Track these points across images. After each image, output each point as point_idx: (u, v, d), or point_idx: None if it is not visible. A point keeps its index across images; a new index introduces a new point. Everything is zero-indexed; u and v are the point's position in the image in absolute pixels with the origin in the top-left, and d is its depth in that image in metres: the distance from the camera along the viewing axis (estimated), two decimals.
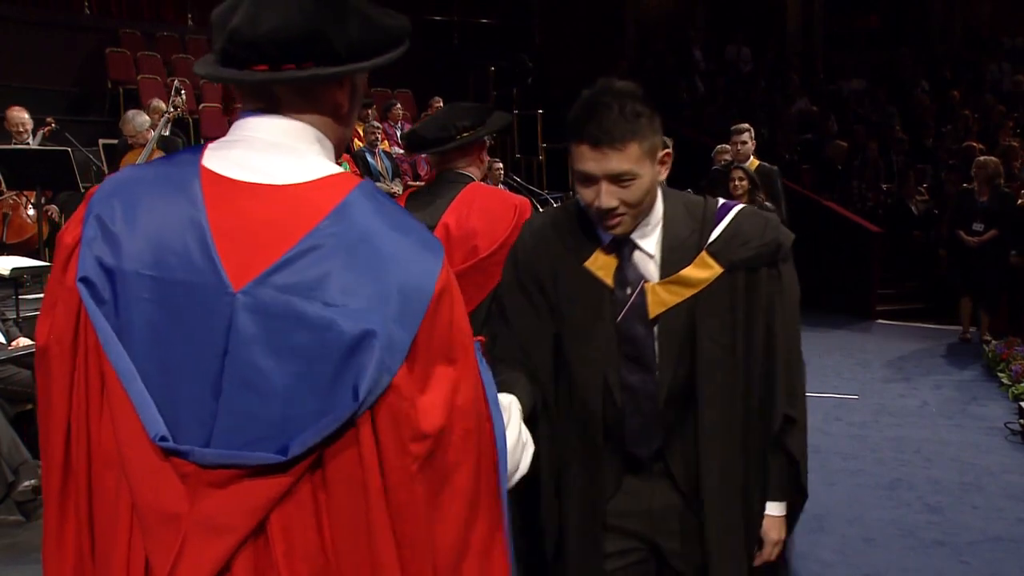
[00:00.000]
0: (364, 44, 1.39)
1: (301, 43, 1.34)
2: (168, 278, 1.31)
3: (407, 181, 11.01)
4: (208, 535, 1.28)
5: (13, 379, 5.15)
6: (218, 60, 1.40)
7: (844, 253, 12.01)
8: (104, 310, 1.32)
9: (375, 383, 1.25)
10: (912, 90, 15.99)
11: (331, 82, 1.41)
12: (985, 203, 9.49)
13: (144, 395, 1.30)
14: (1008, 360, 8.34)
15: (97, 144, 9.38)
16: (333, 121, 1.45)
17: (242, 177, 1.36)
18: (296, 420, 1.27)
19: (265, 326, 1.28)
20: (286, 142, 1.39)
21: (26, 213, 7.97)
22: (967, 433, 6.88)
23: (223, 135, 1.46)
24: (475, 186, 3.23)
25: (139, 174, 1.42)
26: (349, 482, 1.29)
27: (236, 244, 1.31)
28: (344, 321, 1.26)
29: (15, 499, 4.80)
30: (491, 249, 3.06)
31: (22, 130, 8.36)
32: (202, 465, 1.28)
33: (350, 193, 1.35)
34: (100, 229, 1.35)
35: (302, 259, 1.29)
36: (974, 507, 5.36)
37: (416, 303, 1.30)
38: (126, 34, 13.59)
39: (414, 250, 1.34)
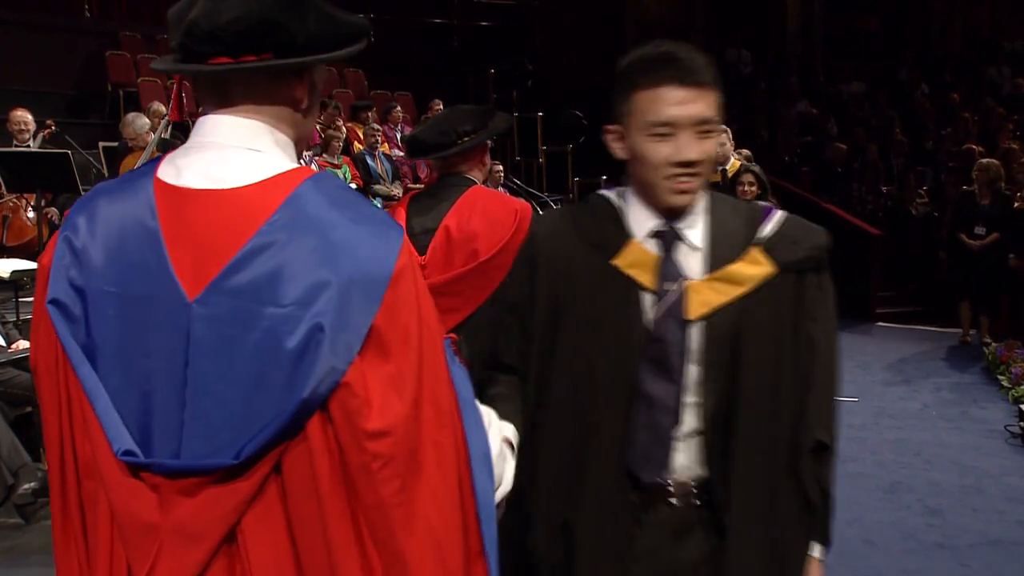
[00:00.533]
0: (323, 37, 1.40)
1: (261, 33, 1.34)
2: (129, 294, 1.33)
3: (407, 184, 11.01)
4: (183, 543, 1.29)
5: (13, 382, 5.15)
6: (177, 56, 1.40)
7: (844, 255, 11.80)
8: (75, 329, 1.34)
9: (319, 382, 1.24)
10: (912, 93, 15.99)
11: (290, 75, 1.41)
12: (987, 206, 9.48)
13: (110, 411, 1.31)
14: (1008, 363, 8.33)
15: (97, 147, 9.38)
16: (292, 116, 1.44)
17: (193, 184, 1.35)
18: (253, 424, 1.27)
19: (220, 333, 1.29)
20: (241, 143, 1.38)
21: (26, 216, 7.97)
22: (967, 436, 6.87)
23: None
24: (477, 189, 3.23)
25: (102, 190, 1.43)
26: (302, 485, 1.29)
27: (189, 253, 1.32)
28: (294, 320, 1.26)
29: (15, 502, 4.80)
30: (491, 253, 3.07)
31: (24, 128, 8.37)
32: (168, 475, 1.29)
33: (299, 186, 1.34)
34: (69, 249, 1.37)
35: (251, 260, 1.29)
36: (974, 510, 5.36)
37: (370, 294, 1.28)
38: (126, 37, 13.58)
39: (368, 240, 1.32)
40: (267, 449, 1.27)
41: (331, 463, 1.27)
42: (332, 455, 1.28)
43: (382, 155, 11.07)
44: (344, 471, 1.28)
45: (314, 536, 1.30)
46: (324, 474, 1.27)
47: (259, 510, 1.30)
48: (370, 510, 1.29)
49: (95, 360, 1.34)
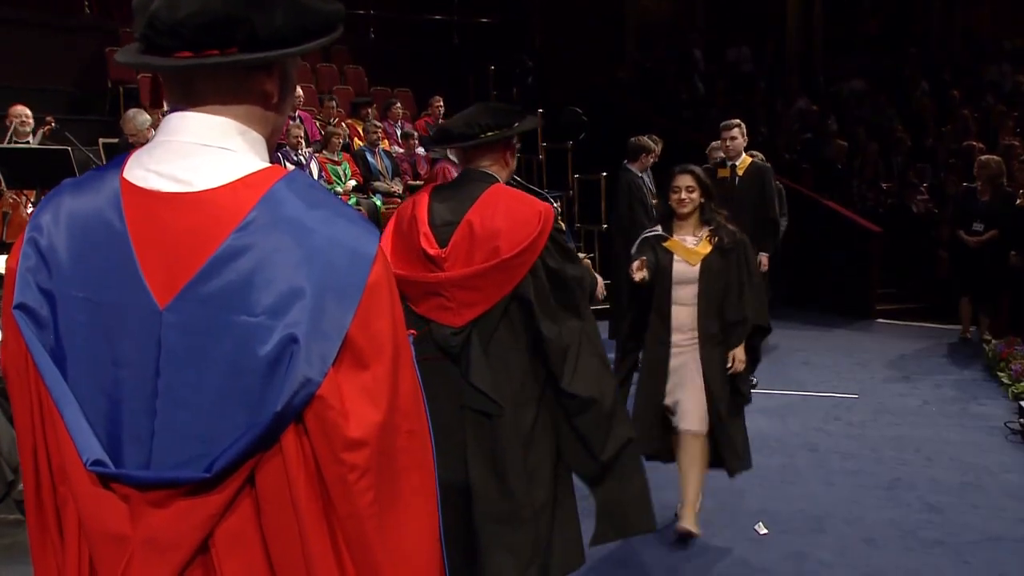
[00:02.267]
0: (291, 29, 1.33)
1: (222, 27, 1.28)
2: (98, 299, 1.29)
3: (407, 180, 11.01)
4: (153, 554, 1.27)
5: None
6: (140, 47, 1.34)
7: (844, 253, 12.00)
8: (44, 335, 1.31)
9: (293, 394, 1.21)
10: (912, 90, 15.98)
11: (257, 69, 1.35)
12: (987, 203, 9.47)
13: (79, 420, 1.28)
14: (1008, 359, 8.33)
15: (97, 143, 9.37)
16: (263, 111, 1.39)
17: (160, 187, 1.30)
18: (225, 436, 1.24)
19: (191, 343, 1.25)
20: (208, 142, 1.33)
21: (26, 212, 7.95)
22: (967, 433, 6.88)
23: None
24: (499, 187, 3.29)
25: (67, 187, 1.39)
26: (277, 497, 1.26)
27: (159, 259, 1.28)
28: (267, 328, 1.22)
29: (15, 498, 4.81)
30: (515, 251, 3.12)
31: (25, 120, 8.38)
32: (138, 487, 1.26)
33: (271, 188, 1.29)
34: (35, 251, 1.33)
35: (223, 266, 1.25)
36: (974, 507, 5.36)
37: (345, 301, 1.25)
38: (126, 34, 13.52)
39: (343, 244, 1.28)
40: (240, 462, 1.24)
41: (307, 474, 1.25)
42: (308, 466, 1.25)
43: (382, 151, 11.06)
44: (319, 482, 1.26)
45: (291, 547, 1.27)
46: (300, 485, 1.25)
47: (232, 522, 1.27)
48: (345, 520, 1.27)
49: (64, 366, 1.30)
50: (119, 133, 9.06)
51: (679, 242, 4.66)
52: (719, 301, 4.62)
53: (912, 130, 14.67)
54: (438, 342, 3.19)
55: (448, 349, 3.20)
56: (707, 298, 4.60)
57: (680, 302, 4.65)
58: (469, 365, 3.18)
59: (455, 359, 3.21)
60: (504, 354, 3.20)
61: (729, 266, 4.60)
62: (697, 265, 4.60)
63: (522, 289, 3.15)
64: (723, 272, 4.60)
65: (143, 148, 1.38)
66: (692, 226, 4.67)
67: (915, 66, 16.76)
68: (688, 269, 4.61)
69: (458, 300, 3.16)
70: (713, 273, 4.58)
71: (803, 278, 11.63)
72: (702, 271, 4.59)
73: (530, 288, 3.15)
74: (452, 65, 15.42)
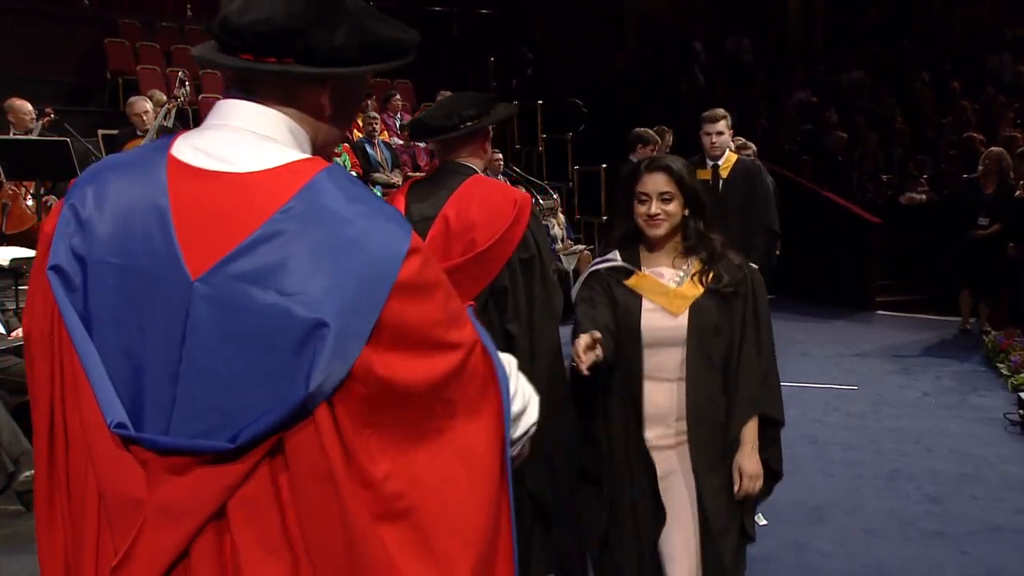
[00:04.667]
0: (350, 49, 1.39)
1: (281, 38, 1.35)
2: (131, 266, 1.33)
3: (406, 172, 11.00)
4: (166, 521, 1.29)
5: (13, 369, 5.15)
6: (215, 45, 1.42)
7: (844, 244, 12.00)
8: (74, 298, 1.34)
9: (327, 372, 1.24)
10: (912, 81, 15.96)
11: (311, 81, 1.41)
12: (991, 195, 9.46)
13: (105, 382, 1.31)
14: (1008, 351, 8.34)
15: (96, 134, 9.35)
16: (314, 121, 1.45)
17: (206, 165, 1.36)
18: (249, 409, 1.27)
19: (220, 315, 1.28)
20: (258, 129, 1.39)
21: (25, 204, 7.96)
22: (966, 424, 6.88)
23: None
24: (477, 178, 3.21)
25: (113, 161, 1.44)
26: (311, 470, 1.29)
27: (197, 232, 1.31)
28: (298, 310, 1.25)
29: (15, 489, 4.81)
30: (489, 243, 3.05)
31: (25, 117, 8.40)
32: (159, 452, 1.29)
33: (313, 178, 1.34)
34: (74, 217, 1.37)
35: (260, 246, 1.28)
36: (973, 498, 5.37)
37: (377, 289, 1.28)
38: (125, 24, 13.55)
39: (378, 233, 1.32)
40: (266, 436, 1.27)
41: (342, 447, 1.28)
42: (342, 439, 1.28)
43: (381, 143, 11.05)
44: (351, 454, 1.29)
45: (325, 518, 1.30)
46: (337, 458, 1.28)
47: (249, 492, 1.29)
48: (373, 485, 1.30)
49: (91, 330, 1.33)
50: (119, 124, 9.05)
51: (652, 278, 3.00)
52: (721, 371, 2.97)
53: (912, 121, 14.65)
54: None
55: None
56: (700, 367, 2.93)
57: (656, 375, 2.96)
58: None
59: None
60: None
61: (733, 318, 2.97)
62: (683, 315, 2.93)
63: (499, 284, 3.09)
64: (724, 326, 2.96)
65: (193, 130, 1.44)
66: (669, 253, 3.02)
67: (915, 57, 16.73)
68: (668, 322, 2.93)
69: None
70: (710, 328, 2.94)
71: (803, 270, 11.63)
72: (692, 325, 2.92)
73: (507, 283, 3.09)
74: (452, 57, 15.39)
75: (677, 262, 3.01)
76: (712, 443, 2.94)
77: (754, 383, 2.94)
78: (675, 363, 2.94)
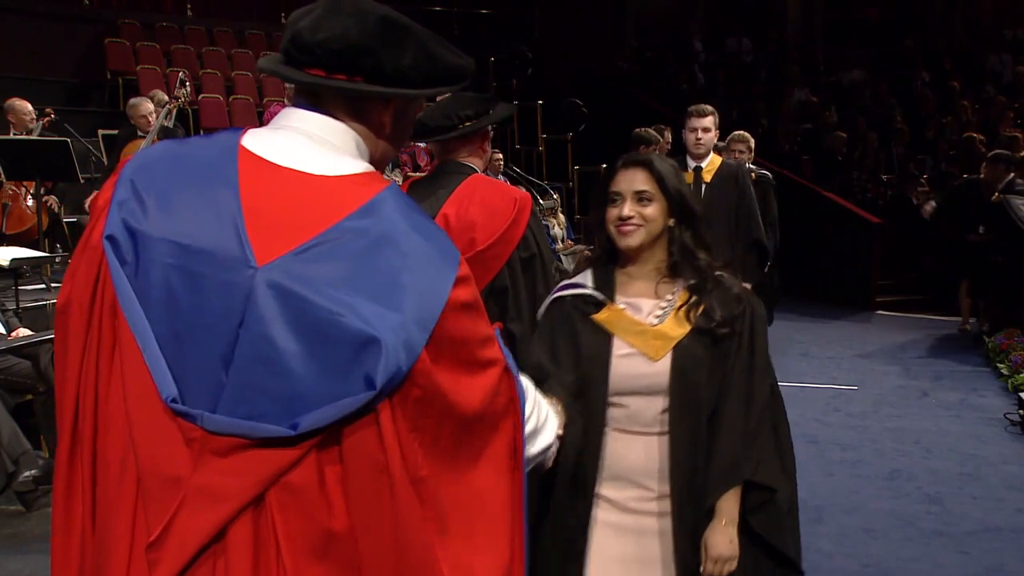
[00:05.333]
0: (416, 71, 1.46)
1: (352, 56, 1.42)
2: (193, 246, 1.34)
3: (407, 171, 10.99)
4: (205, 501, 1.30)
5: (13, 369, 5.15)
6: (281, 58, 1.49)
7: (844, 244, 12.01)
8: (125, 271, 1.34)
9: (389, 377, 1.27)
10: (913, 81, 15.97)
11: (376, 99, 1.47)
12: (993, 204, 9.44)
13: (158, 357, 1.32)
14: (1008, 351, 8.34)
15: (96, 135, 9.37)
16: (375, 137, 1.51)
17: (279, 161, 1.40)
18: (305, 398, 1.28)
19: (283, 304, 1.30)
20: (326, 138, 1.45)
21: (26, 204, 7.96)
22: (966, 424, 6.88)
23: (222, 127, 1.47)
24: (476, 178, 3.20)
25: (177, 146, 1.47)
26: (370, 466, 1.31)
27: (265, 223, 1.35)
28: (364, 311, 1.28)
29: (15, 489, 4.81)
30: (488, 242, 3.03)
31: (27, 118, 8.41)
32: (210, 431, 1.29)
33: (381, 192, 1.40)
34: (132, 193, 1.38)
35: (327, 246, 1.32)
36: (973, 497, 5.37)
37: (433, 304, 1.33)
38: (125, 24, 13.55)
39: (435, 254, 1.38)
40: (328, 426, 1.29)
41: (399, 446, 1.31)
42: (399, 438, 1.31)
43: None
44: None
45: (377, 514, 1.32)
46: (395, 454, 1.30)
47: (294, 481, 1.31)
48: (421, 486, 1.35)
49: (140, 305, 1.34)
50: (119, 124, 9.04)
51: (625, 315, 2.40)
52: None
53: (912, 121, 14.66)
54: None
55: None
56: (689, 422, 2.34)
57: (629, 426, 2.38)
58: None
59: None
60: None
61: (726, 361, 2.38)
62: (664, 360, 2.35)
63: (499, 284, 3.07)
64: (717, 373, 2.37)
65: (262, 128, 1.49)
66: (650, 276, 2.43)
67: (916, 56, 16.73)
68: (644, 368, 2.35)
69: None
70: (699, 376, 2.35)
71: (803, 269, 11.63)
72: (676, 372, 2.34)
73: (507, 282, 3.07)
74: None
75: (661, 288, 2.42)
76: (694, 511, 2.34)
77: (735, 444, 2.33)
78: (653, 414, 2.35)
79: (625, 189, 2.38)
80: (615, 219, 2.38)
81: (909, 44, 17.05)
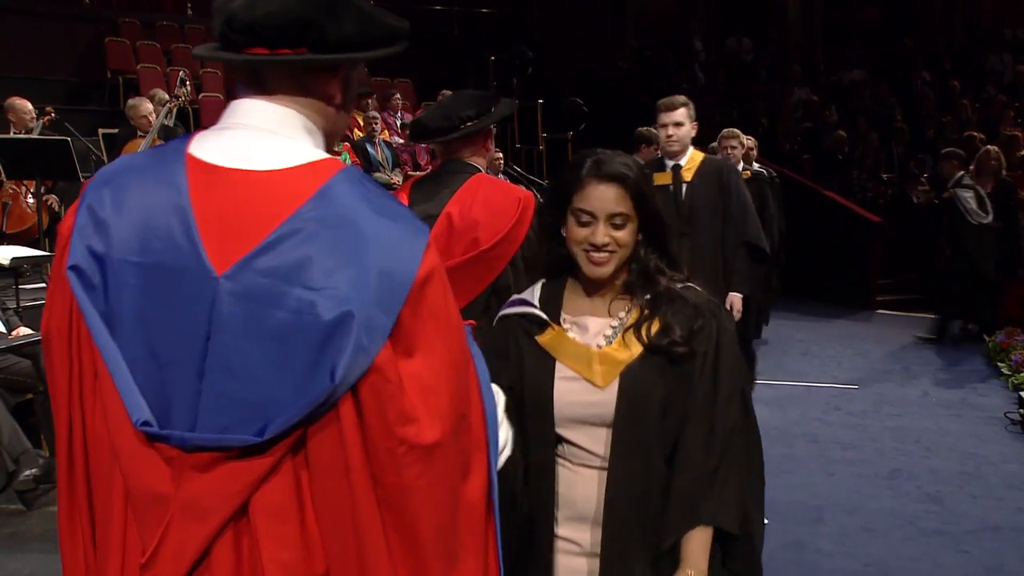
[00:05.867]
0: (359, 36, 1.43)
1: (296, 28, 1.37)
2: (153, 264, 1.34)
3: (407, 171, 10.99)
4: (192, 516, 1.30)
5: (13, 369, 5.15)
6: (217, 44, 1.44)
7: (844, 243, 12.00)
8: (93, 296, 1.35)
9: (352, 365, 1.26)
10: (913, 81, 15.96)
11: (324, 70, 1.44)
12: (989, 194, 9.46)
13: (128, 381, 1.32)
14: (1008, 350, 8.34)
15: (97, 133, 9.35)
16: (324, 109, 1.47)
17: (226, 163, 1.38)
18: (275, 403, 1.28)
19: (246, 310, 1.30)
20: (274, 128, 1.41)
21: (26, 203, 7.96)
22: (967, 423, 6.89)
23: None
24: (479, 177, 3.20)
25: (129, 162, 1.45)
26: (331, 464, 1.31)
27: (219, 229, 1.33)
28: (323, 303, 1.27)
29: (15, 488, 4.81)
30: (492, 242, 3.04)
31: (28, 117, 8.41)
32: (184, 449, 1.30)
33: (333, 177, 1.37)
34: (91, 217, 1.37)
35: (284, 243, 1.31)
36: (974, 496, 5.37)
37: (398, 286, 1.31)
38: (125, 23, 13.55)
39: (397, 234, 1.35)
40: (292, 428, 1.29)
41: (362, 444, 1.30)
42: (361, 435, 1.30)
43: (382, 142, 11.05)
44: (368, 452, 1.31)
45: (340, 515, 1.32)
46: (356, 454, 1.30)
47: (272, 488, 1.31)
48: (391, 490, 1.31)
49: (113, 328, 1.34)
50: (119, 123, 9.04)
51: (568, 338, 2.14)
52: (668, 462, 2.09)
53: (912, 120, 14.65)
54: None
55: None
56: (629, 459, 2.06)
57: (579, 460, 2.13)
58: None
59: None
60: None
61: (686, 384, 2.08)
62: (610, 387, 2.08)
63: (501, 283, 3.06)
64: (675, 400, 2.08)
65: (209, 129, 1.46)
66: (607, 294, 2.16)
67: (916, 56, 16.73)
68: (589, 396, 2.09)
69: None
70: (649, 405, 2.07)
71: (804, 269, 11.62)
72: (623, 401, 2.06)
73: (510, 281, 3.06)
74: (452, 55, 15.39)
75: (614, 306, 2.14)
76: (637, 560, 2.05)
77: (694, 481, 2.04)
78: (601, 446, 2.09)
79: (598, 209, 2.06)
80: (583, 242, 2.08)
81: (909, 43, 17.04)
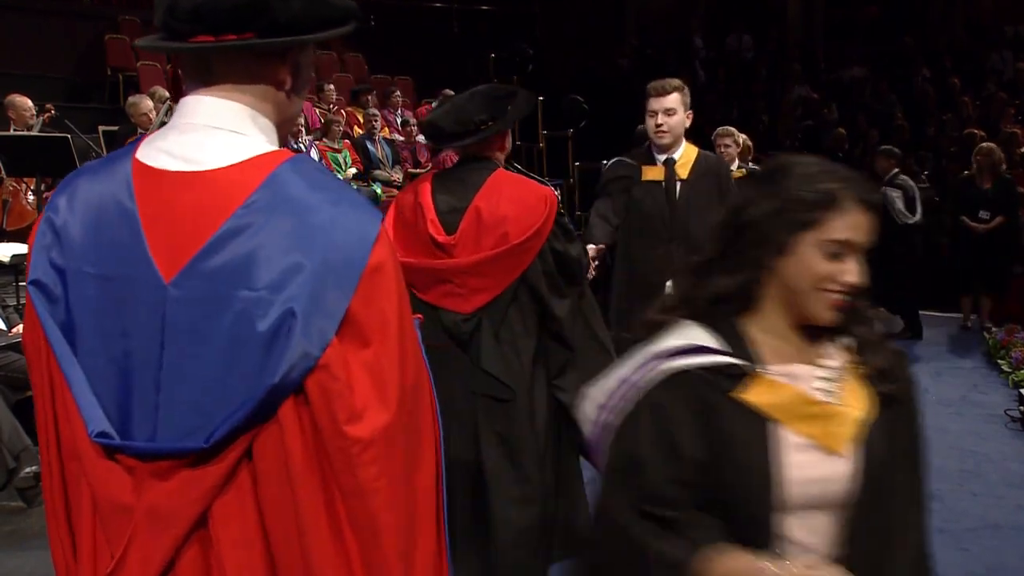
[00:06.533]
0: (308, 19, 1.37)
1: (242, 13, 1.32)
2: (107, 274, 1.33)
3: (407, 168, 10.99)
4: (155, 526, 1.30)
5: (13, 366, 5.15)
6: (162, 34, 1.39)
7: None
8: (55, 310, 1.34)
9: (291, 367, 1.23)
10: (913, 78, 15.95)
11: (273, 56, 1.39)
12: (989, 191, 9.47)
13: (86, 392, 1.31)
14: (1009, 347, 8.33)
15: (97, 131, 9.35)
16: (275, 96, 1.42)
17: (170, 166, 1.35)
18: (225, 409, 1.27)
19: (193, 316, 1.29)
20: (221, 124, 1.37)
21: (26, 200, 7.97)
22: (967, 420, 6.88)
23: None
24: (501, 173, 3.28)
25: (85, 170, 1.44)
26: (273, 469, 1.29)
27: (167, 235, 1.31)
28: (265, 304, 1.25)
29: (16, 486, 4.81)
30: (524, 236, 3.14)
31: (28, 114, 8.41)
32: (142, 458, 1.29)
33: (276, 169, 1.33)
34: (49, 229, 1.37)
35: (227, 242, 1.28)
36: (974, 494, 5.37)
37: (345, 278, 1.27)
38: (125, 21, 13.54)
39: (346, 221, 1.31)
40: (237, 433, 1.27)
41: (304, 446, 1.27)
42: (305, 438, 1.27)
43: (382, 140, 11.05)
44: (318, 455, 1.27)
45: (286, 520, 1.29)
46: (297, 457, 1.27)
47: (229, 496, 1.30)
48: (348, 494, 1.28)
49: (75, 341, 1.34)
50: (119, 120, 9.04)
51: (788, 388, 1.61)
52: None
53: (913, 118, 14.64)
54: (448, 329, 3.19)
55: (458, 335, 3.20)
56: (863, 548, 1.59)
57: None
58: (480, 351, 3.19)
59: (464, 345, 3.21)
60: (514, 339, 3.21)
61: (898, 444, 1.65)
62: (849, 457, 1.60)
63: (530, 273, 3.18)
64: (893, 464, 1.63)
65: (158, 131, 1.43)
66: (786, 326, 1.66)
67: (916, 53, 16.71)
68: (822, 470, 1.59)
69: (468, 286, 3.18)
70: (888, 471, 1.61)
71: None
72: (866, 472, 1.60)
73: (538, 271, 3.18)
74: (452, 53, 15.39)
75: (805, 343, 1.66)
76: None
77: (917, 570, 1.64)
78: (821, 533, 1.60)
79: (856, 241, 1.58)
80: (827, 279, 1.57)
81: (909, 41, 17.02)
